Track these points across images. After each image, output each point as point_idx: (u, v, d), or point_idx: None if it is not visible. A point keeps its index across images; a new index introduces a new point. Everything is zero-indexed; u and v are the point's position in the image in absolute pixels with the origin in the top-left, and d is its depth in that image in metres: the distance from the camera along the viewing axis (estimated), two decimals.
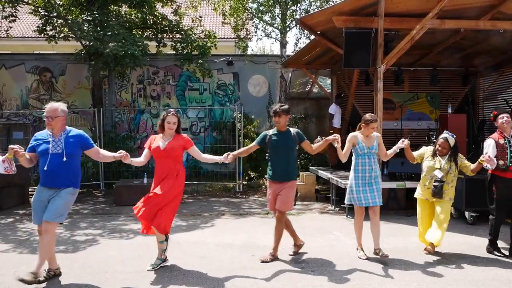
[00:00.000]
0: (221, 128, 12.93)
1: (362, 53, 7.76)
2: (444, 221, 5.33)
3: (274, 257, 5.25)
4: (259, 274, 4.79)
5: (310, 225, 7.07)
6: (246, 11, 13.37)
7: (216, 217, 7.99)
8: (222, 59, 13.29)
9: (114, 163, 10.48)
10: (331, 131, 10.20)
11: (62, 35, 11.12)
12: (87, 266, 5.09)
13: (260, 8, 13.38)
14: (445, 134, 5.54)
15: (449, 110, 10.34)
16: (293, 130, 5.34)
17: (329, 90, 12.21)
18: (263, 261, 5.17)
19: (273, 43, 34.37)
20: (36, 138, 4.57)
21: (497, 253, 5.49)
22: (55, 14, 10.77)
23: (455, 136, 5.54)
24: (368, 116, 5.41)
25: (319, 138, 5.59)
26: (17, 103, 12.95)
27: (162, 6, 12.59)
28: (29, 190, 10.18)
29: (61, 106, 4.59)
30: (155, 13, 11.89)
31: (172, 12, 12.44)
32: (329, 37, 8.64)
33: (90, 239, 6.43)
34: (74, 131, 4.68)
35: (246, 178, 11.57)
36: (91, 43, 9.95)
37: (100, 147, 10.76)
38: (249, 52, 13.80)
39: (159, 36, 11.98)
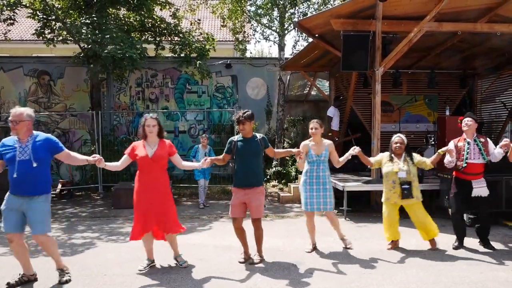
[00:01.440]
0: (220, 130, 12.93)
1: (360, 55, 7.79)
2: (427, 217, 5.70)
3: (262, 258, 5.31)
4: (259, 276, 4.79)
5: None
6: (244, 14, 13.38)
7: (215, 219, 7.98)
8: (220, 62, 13.30)
9: None
10: (329, 134, 10.22)
11: (61, 38, 11.13)
12: (85, 269, 5.07)
13: (258, 11, 13.38)
14: (399, 134, 5.84)
15: (447, 113, 10.35)
16: (258, 135, 5.28)
17: (328, 93, 12.23)
18: (251, 263, 5.18)
19: (271, 46, 34.51)
20: (3, 145, 4.44)
21: (455, 246, 5.74)
22: (53, 17, 10.77)
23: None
24: (314, 123, 5.60)
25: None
26: (15, 106, 12.91)
27: (161, 9, 12.61)
28: None
29: (27, 111, 4.51)
30: (154, 16, 11.91)
31: (170, 15, 12.46)
32: (327, 40, 8.67)
33: (88, 242, 6.41)
34: (42, 135, 4.55)
35: None
36: (89, 46, 9.95)
37: (99, 150, 10.92)
38: (247, 55, 13.80)
39: (158, 39, 12.00)
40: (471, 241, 6.14)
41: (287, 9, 12.71)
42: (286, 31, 12.82)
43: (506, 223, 7.18)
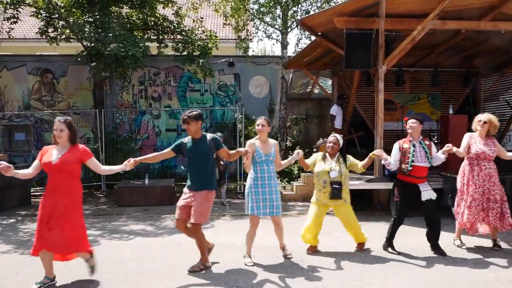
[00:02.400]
0: (222, 129, 12.94)
1: (363, 54, 7.76)
2: (356, 222, 5.61)
3: (205, 266, 4.97)
4: (261, 274, 4.79)
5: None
6: (247, 12, 13.37)
7: (217, 218, 7.99)
8: (223, 60, 13.30)
9: (116, 164, 10.50)
10: (333, 132, 10.20)
11: (64, 36, 11.15)
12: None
13: (261, 9, 13.38)
14: (334, 134, 5.76)
15: (450, 111, 10.33)
16: (209, 136, 4.99)
17: (330, 91, 12.21)
18: (191, 271, 4.84)
19: (274, 44, 34.48)
20: None
21: (391, 250, 5.61)
22: (56, 15, 10.79)
23: (342, 136, 5.75)
24: (261, 120, 5.30)
25: (321, 140, 5.61)
26: (18, 104, 12.98)
27: (164, 8, 12.62)
28: (31, 191, 10.22)
29: None
30: (156, 14, 11.92)
31: (173, 14, 12.46)
32: (330, 38, 8.64)
33: (91, 239, 6.41)
34: None
35: None
36: (92, 44, 9.97)
37: (101, 148, 10.93)
38: (250, 53, 13.79)
39: (160, 37, 12.01)
40: (472, 241, 6.13)
41: (289, 7, 12.69)
42: (288, 29, 12.81)
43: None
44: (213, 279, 4.67)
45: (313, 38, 9.21)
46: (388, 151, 5.70)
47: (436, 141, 9.77)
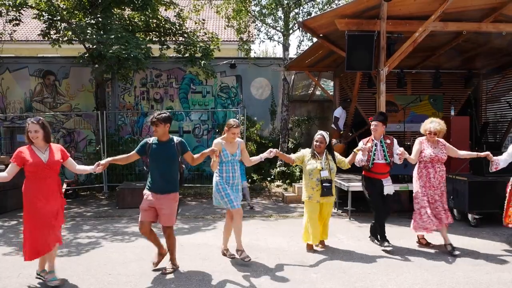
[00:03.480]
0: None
1: (364, 55, 7.77)
2: (329, 217, 5.91)
3: (176, 266, 5.04)
4: (263, 276, 4.80)
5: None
6: (249, 14, 13.40)
7: (219, 219, 7.99)
8: (225, 62, 13.32)
9: (118, 166, 10.53)
10: (341, 132, 10.20)
11: (66, 38, 11.18)
12: (91, 268, 5.10)
13: (263, 11, 13.40)
14: (321, 131, 5.80)
15: (452, 113, 10.33)
16: (176, 139, 4.98)
17: (332, 93, 12.22)
18: (164, 273, 4.89)
19: (275, 46, 34.43)
20: None
21: (387, 245, 5.74)
22: (58, 17, 10.82)
23: (328, 133, 5.87)
24: (231, 121, 5.31)
25: (334, 140, 5.67)
26: (20, 106, 13.01)
27: (166, 10, 12.65)
28: None
29: None
30: (158, 16, 11.94)
31: (175, 16, 12.49)
32: (331, 40, 8.66)
33: (93, 241, 6.44)
34: None
35: (249, 180, 11.57)
36: (94, 46, 9.99)
37: (103, 150, 10.94)
38: (252, 55, 13.82)
39: (162, 39, 12.03)
40: (476, 242, 6.13)
41: (291, 9, 12.71)
42: (290, 31, 12.83)
43: None
44: (214, 280, 4.67)
45: (314, 40, 9.22)
46: None
47: None
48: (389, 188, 5.82)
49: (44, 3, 10.85)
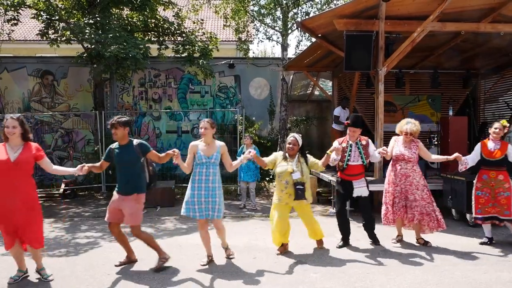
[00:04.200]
0: (223, 130, 12.93)
1: (363, 55, 7.77)
2: (312, 218, 5.76)
3: (165, 258, 5.13)
4: (262, 275, 4.80)
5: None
6: (248, 14, 13.39)
7: None
8: (223, 62, 13.32)
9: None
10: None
11: (64, 38, 11.16)
12: (89, 268, 5.09)
13: (261, 11, 13.40)
14: (294, 134, 5.70)
15: (450, 113, 10.34)
16: (136, 142, 5.04)
17: (330, 93, 12.22)
18: (156, 270, 4.97)
19: (274, 46, 34.47)
20: None
21: (339, 245, 5.88)
22: (57, 17, 10.80)
23: (301, 135, 5.76)
24: (200, 122, 5.24)
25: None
26: (19, 106, 12.98)
27: (164, 10, 12.63)
28: None
29: None
30: (157, 16, 11.93)
31: (173, 16, 12.48)
32: (330, 40, 8.66)
33: (92, 241, 6.44)
34: None
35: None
36: (92, 46, 9.98)
37: (102, 150, 10.92)
38: (250, 55, 13.81)
39: (161, 39, 12.02)
40: (474, 242, 6.13)
41: (290, 9, 12.71)
42: (289, 31, 12.83)
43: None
44: (214, 280, 4.67)
45: (313, 40, 9.23)
46: None
47: (436, 142, 9.80)
48: (360, 190, 5.76)
49: (42, 2, 10.83)
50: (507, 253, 5.60)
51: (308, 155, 5.71)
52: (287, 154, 5.56)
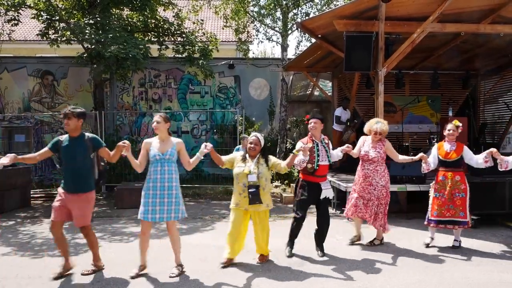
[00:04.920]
0: (223, 131, 12.96)
1: (363, 56, 7.78)
2: (265, 230, 5.22)
3: (99, 267, 4.96)
4: (261, 277, 4.80)
5: (311, 228, 7.07)
6: (247, 14, 13.41)
7: (217, 220, 7.99)
8: (223, 63, 13.33)
9: (117, 166, 10.52)
10: (351, 133, 10.21)
11: (64, 38, 11.18)
12: (88, 268, 5.09)
13: (261, 11, 13.42)
14: (256, 133, 5.32)
15: (450, 113, 10.35)
16: (88, 135, 4.78)
17: (330, 93, 12.23)
18: (83, 274, 4.80)
19: (274, 47, 34.45)
20: None
21: (288, 253, 5.58)
22: (57, 17, 10.81)
23: (263, 135, 5.47)
24: (156, 116, 4.85)
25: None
26: (19, 106, 12.99)
27: (164, 10, 12.65)
28: (31, 193, 10.21)
29: None
30: (157, 16, 11.95)
31: (173, 16, 12.50)
32: (330, 41, 8.67)
33: None
34: None
35: None
36: (92, 46, 9.99)
37: None
38: (250, 55, 13.83)
39: (161, 39, 12.04)
40: (474, 243, 6.14)
41: (290, 9, 12.72)
42: (289, 32, 12.84)
43: (509, 224, 7.17)
44: (212, 280, 4.67)
45: (313, 40, 9.24)
46: None
47: (435, 143, 9.79)
48: (327, 191, 5.47)
49: (42, 3, 10.85)
50: (506, 254, 5.60)
51: (270, 156, 5.25)
52: (247, 155, 5.15)
